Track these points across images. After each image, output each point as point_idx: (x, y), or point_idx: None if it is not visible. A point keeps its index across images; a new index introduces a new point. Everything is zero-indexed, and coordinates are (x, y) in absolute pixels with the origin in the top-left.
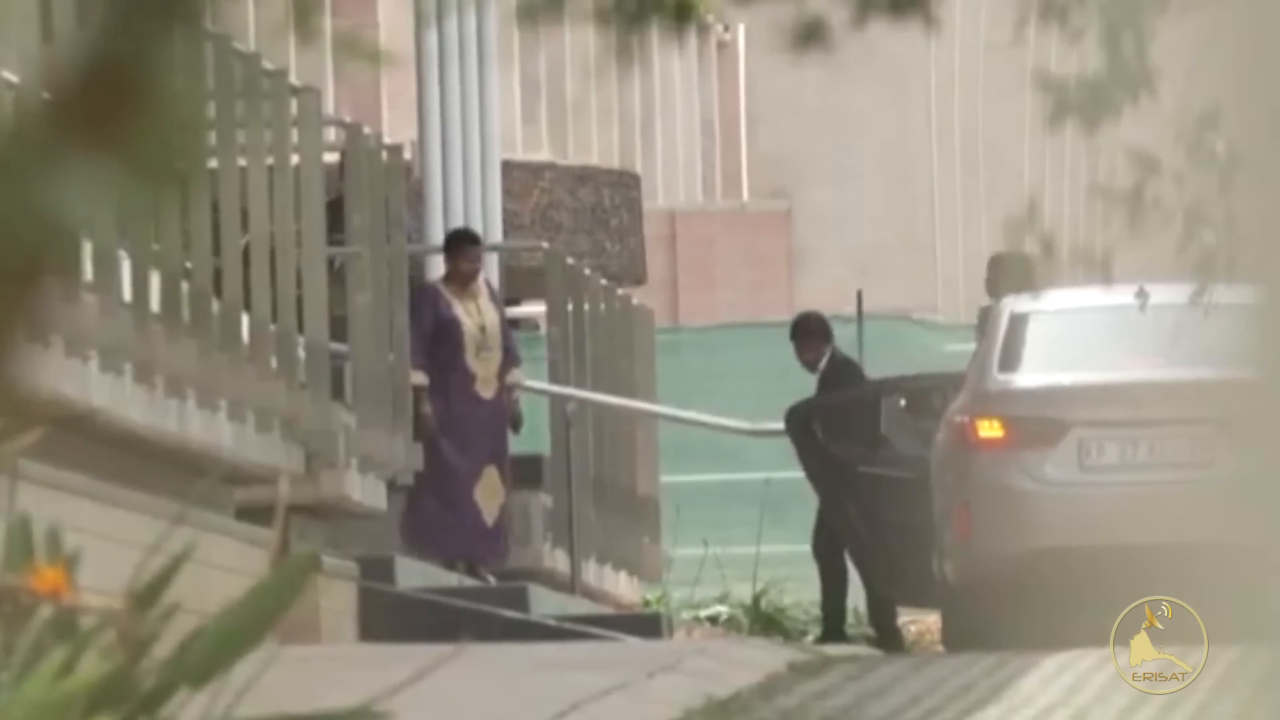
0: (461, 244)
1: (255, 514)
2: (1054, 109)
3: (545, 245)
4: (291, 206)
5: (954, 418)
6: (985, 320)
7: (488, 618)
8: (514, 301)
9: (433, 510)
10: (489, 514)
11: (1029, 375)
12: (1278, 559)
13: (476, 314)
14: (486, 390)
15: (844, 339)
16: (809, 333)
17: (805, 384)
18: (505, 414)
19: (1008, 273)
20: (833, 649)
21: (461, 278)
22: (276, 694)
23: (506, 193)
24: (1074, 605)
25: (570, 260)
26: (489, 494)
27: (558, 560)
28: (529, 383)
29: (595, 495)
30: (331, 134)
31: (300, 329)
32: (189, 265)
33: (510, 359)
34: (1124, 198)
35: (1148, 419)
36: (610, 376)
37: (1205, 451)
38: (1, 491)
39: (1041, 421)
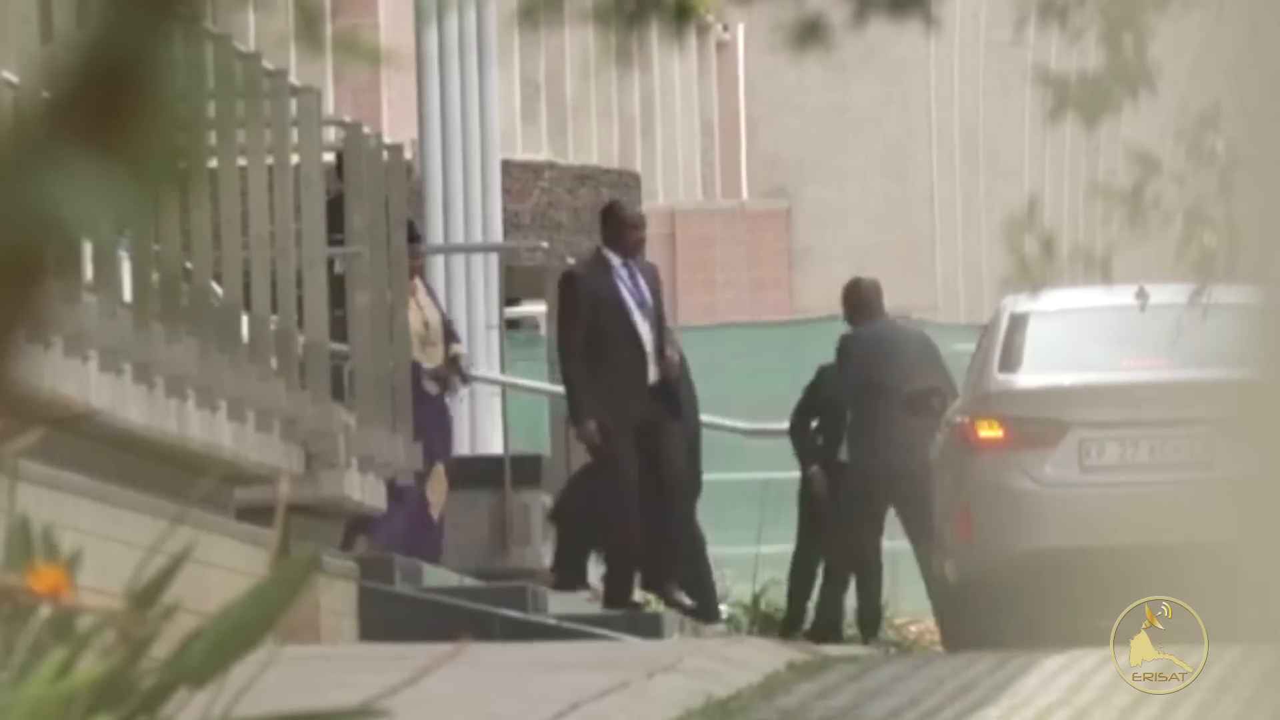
0: None
1: (255, 514)
2: (1053, 104)
3: (545, 245)
4: (291, 206)
5: (954, 418)
6: (850, 347)
7: (488, 618)
8: (514, 301)
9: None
10: (436, 509)
11: (1029, 375)
12: (1278, 559)
13: (418, 310)
14: (432, 386)
15: None
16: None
17: (804, 384)
18: (448, 412)
19: (863, 298)
20: (833, 649)
21: None
22: (276, 694)
23: (506, 193)
24: (1074, 605)
25: (570, 260)
26: (437, 490)
27: None
28: (529, 383)
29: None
30: (331, 134)
31: (300, 329)
32: (189, 265)
33: (451, 339)
34: (1124, 198)
35: (1148, 419)
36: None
37: (1205, 452)
38: (1, 491)
39: (1041, 422)
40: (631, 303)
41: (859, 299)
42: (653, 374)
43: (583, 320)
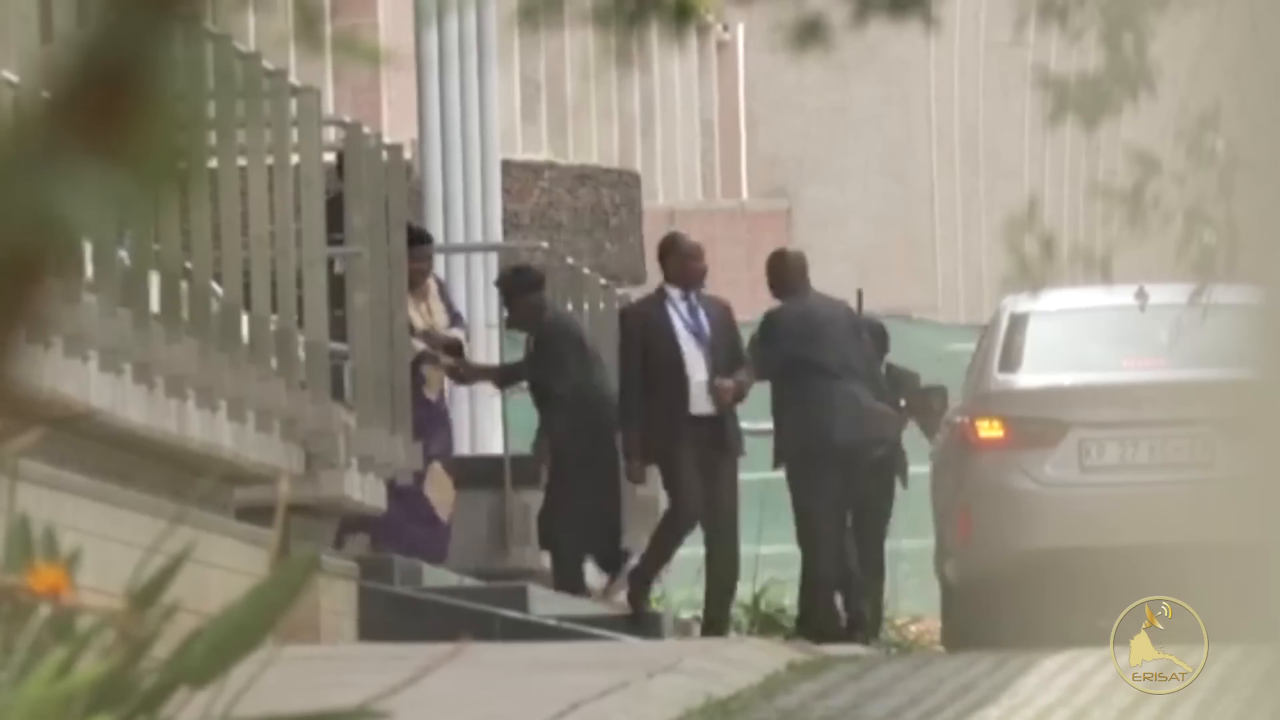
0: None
1: (255, 514)
2: (1053, 106)
3: (545, 245)
4: (291, 206)
5: (954, 418)
6: (770, 325)
7: (488, 618)
8: None
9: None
10: (443, 510)
11: (1029, 375)
12: (1278, 559)
13: (427, 315)
14: (431, 392)
15: None
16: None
17: None
18: (447, 414)
19: (789, 272)
20: (833, 649)
21: (409, 279)
22: (276, 694)
23: (506, 193)
24: (1074, 605)
25: (570, 260)
26: (439, 490)
27: None
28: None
29: None
30: (331, 134)
31: (300, 328)
32: (189, 265)
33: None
34: (1124, 198)
35: (1148, 419)
36: (610, 376)
37: (1205, 452)
38: (1, 491)
39: (1041, 422)
40: (685, 335)
41: (785, 273)
42: (702, 406)
43: (637, 354)
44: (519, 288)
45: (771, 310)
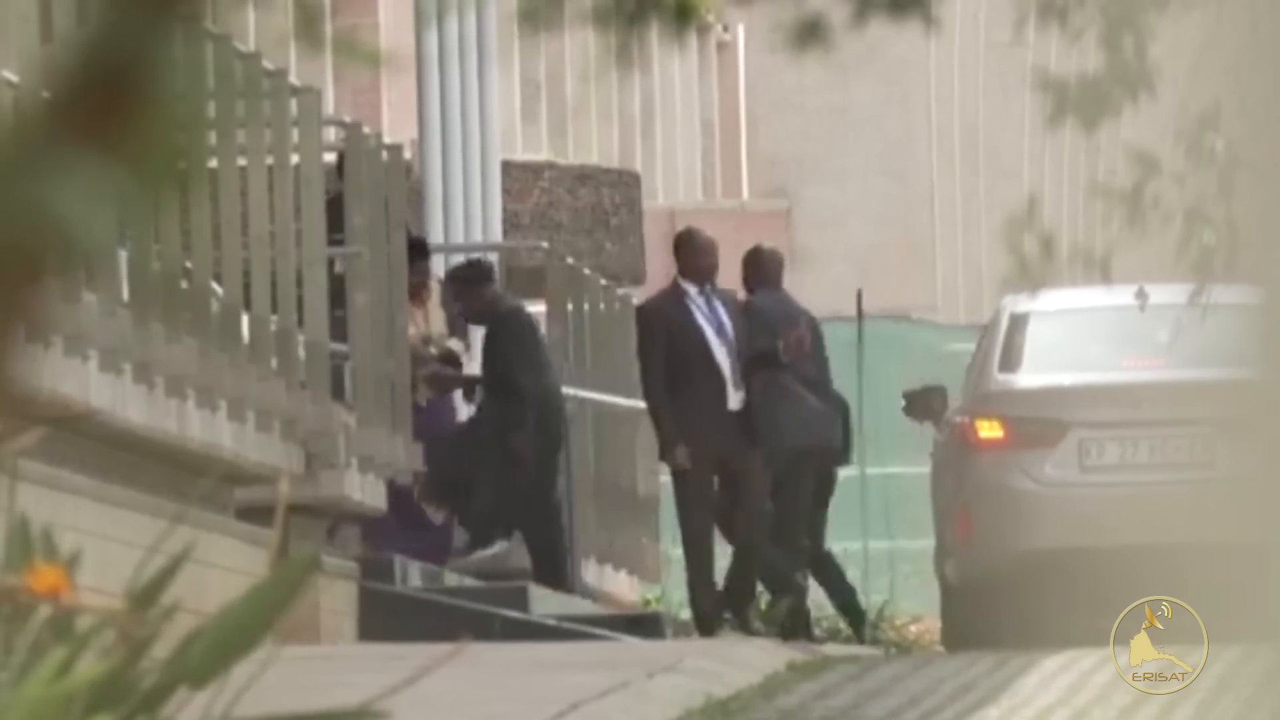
0: (409, 255)
1: (255, 514)
2: (1053, 107)
3: (545, 245)
4: (291, 206)
5: (954, 418)
6: (750, 311)
7: (488, 618)
8: None
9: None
10: (437, 514)
11: (1029, 375)
12: (1278, 559)
13: (424, 324)
14: (423, 399)
15: (844, 339)
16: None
17: None
18: (448, 416)
19: (764, 267)
20: (833, 649)
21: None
22: (276, 694)
23: (506, 193)
24: (1074, 605)
25: (570, 260)
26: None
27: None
28: None
29: (595, 495)
30: (331, 134)
31: (300, 328)
32: (189, 265)
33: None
34: (1124, 198)
35: (1148, 419)
36: (610, 376)
37: (1205, 452)
38: (1, 491)
39: (1041, 422)
40: (709, 330)
41: (760, 267)
42: (733, 401)
43: (660, 351)
44: (471, 279)
45: (746, 299)
